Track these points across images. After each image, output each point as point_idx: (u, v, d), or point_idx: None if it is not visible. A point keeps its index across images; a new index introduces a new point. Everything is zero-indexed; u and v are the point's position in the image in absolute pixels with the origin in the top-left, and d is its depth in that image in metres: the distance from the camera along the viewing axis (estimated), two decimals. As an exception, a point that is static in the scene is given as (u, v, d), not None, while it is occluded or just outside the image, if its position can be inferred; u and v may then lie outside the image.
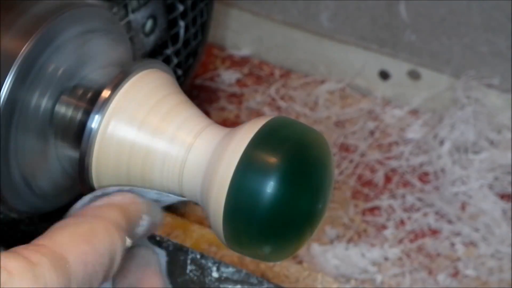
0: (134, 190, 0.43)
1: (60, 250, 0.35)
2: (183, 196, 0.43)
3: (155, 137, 0.42)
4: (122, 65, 0.47)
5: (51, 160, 0.46)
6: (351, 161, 1.14)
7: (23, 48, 0.42)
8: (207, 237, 0.78)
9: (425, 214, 1.07)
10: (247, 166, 0.39)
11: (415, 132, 1.18)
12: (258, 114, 1.20)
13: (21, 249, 0.35)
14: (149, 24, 0.85)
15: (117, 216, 0.40)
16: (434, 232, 1.06)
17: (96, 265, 0.37)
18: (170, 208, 0.95)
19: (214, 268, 0.57)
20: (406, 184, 1.11)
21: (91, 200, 0.42)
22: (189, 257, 0.58)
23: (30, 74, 0.42)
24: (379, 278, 1.00)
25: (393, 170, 1.13)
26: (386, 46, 1.22)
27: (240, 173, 0.39)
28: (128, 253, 0.41)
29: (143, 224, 0.42)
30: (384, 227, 1.06)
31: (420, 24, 1.18)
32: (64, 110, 0.44)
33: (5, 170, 0.43)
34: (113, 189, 0.43)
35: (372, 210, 1.09)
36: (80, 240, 0.37)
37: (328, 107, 1.23)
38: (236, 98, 1.24)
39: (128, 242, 0.40)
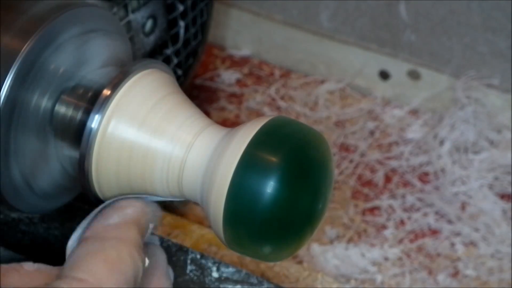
0: (140, 197, 0.43)
1: (99, 283, 0.36)
2: (183, 197, 0.43)
3: (155, 137, 0.42)
4: (122, 65, 0.47)
5: (51, 160, 0.46)
6: (351, 161, 1.14)
7: (23, 48, 0.42)
8: (207, 237, 0.78)
9: (425, 214, 1.07)
10: (247, 166, 0.39)
11: (415, 132, 1.18)
12: (258, 114, 1.20)
13: (62, 283, 0.35)
14: (149, 24, 0.85)
15: (136, 235, 0.40)
16: (434, 232, 1.06)
17: None
18: (170, 208, 0.95)
19: (214, 268, 0.57)
20: (406, 184, 1.11)
21: (99, 212, 0.42)
22: (189, 257, 0.57)
23: (30, 74, 0.42)
24: (379, 278, 1.00)
25: (393, 170, 1.13)
26: (386, 46, 1.22)
27: (240, 173, 0.39)
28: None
29: (149, 231, 0.42)
30: (384, 227, 1.06)
31: (420, 24, 1.18)
32: (64, 110, 0.44)
33: (5, 170, 0.43)
34: (120, 198, 0.43)
35: (372, 210, 1.08)
36: (113, 270, 0.37)
37: (328, 107, 1.23)
38: (236, 98, 1.24)
39: (147, 262, 0.40)
